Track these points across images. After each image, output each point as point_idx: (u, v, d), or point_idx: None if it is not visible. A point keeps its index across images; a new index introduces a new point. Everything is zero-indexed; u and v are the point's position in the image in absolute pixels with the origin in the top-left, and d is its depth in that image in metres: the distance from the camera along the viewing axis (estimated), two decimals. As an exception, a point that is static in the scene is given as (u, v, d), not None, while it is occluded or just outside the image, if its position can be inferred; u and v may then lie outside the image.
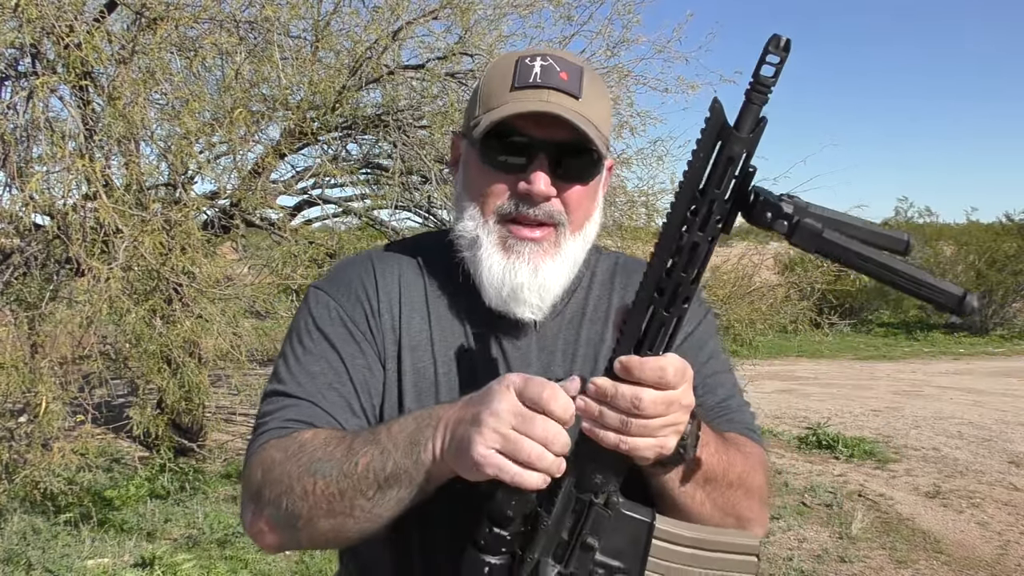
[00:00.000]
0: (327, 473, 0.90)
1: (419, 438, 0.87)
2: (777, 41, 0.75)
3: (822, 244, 0.80)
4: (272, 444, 0.98)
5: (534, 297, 1.06)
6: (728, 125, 0.79)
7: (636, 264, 1.24)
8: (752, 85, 0.77)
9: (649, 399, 0.84)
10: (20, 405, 4.36)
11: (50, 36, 3.50)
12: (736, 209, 0.83)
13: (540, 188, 1.02)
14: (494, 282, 1.05)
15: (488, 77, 1.07)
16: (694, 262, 0.83)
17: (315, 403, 1.03)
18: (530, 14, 5.40)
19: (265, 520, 0.96)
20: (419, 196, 5.70)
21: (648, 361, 0.85)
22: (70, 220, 3.59)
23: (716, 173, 0.80)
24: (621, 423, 0.85)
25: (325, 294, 1.11)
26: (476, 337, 1.10)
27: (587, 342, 1.14)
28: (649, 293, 0.85)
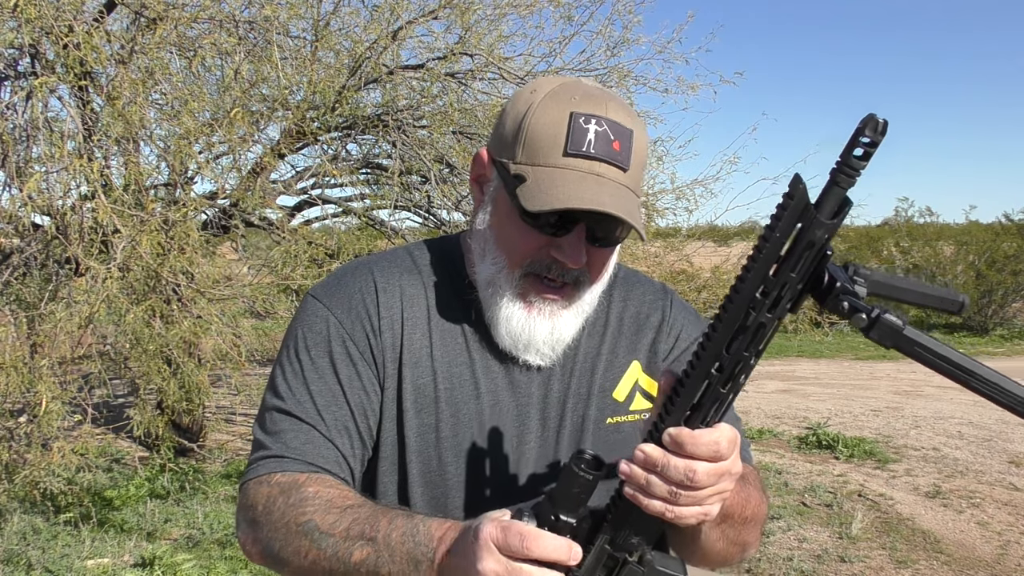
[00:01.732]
0: (322, 547, 0.94)
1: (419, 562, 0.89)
2: (875, 124, 0.71)
3: (901, 342, 0.77)
4: (276, 480, 1.01)
5: (547, 349, 1.07)
6: (811, 207, 0.75)
7: (635, 277, 1.24)
8: (839, 166, 0.73)
9: (703, 471, 0.83)
10: (20, 405, 4.35)
11: (49, 36, 3.50)
12: (807, 291, 0.79)
13: (576, 263, 1.02)
14: (512, 332, 1.06)
15: (537, 119, 1.02)
16: (757, 342, 0.80)
17: (315, 427, 1.04)
18: (530, 14, 5.41)
19: (258, 549, 1.01)
20: (419, 196, 5.71)
21: (702, 435, 0.83)
22: (69, 220, 3.59)
23: (792, 255, 0.76)
24: (670, 494, 0.84)
25: (325, 308, 1.10)
26: (477, 354, 1.10)
27: (584, 356, 1.14)
28: (707, 368, 0.81)
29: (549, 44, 5.58)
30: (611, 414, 1.13)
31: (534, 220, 1.01)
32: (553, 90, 1.04)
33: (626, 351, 1.16)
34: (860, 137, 0.71)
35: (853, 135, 0.71)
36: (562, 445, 1.11)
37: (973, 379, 0.77)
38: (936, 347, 0.77)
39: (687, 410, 0.84)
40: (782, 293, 0.78)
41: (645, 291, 1.22)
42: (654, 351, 1.17)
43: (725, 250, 7.98)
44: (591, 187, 0.98)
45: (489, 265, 1.06)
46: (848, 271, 0.80)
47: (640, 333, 1.18)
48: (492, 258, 1.06)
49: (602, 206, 0.97)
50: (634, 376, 1.15)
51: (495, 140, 1.09)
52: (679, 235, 6.90)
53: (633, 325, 1.18)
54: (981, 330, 13.90)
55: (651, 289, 1.23)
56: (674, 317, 1.20)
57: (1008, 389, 0.76)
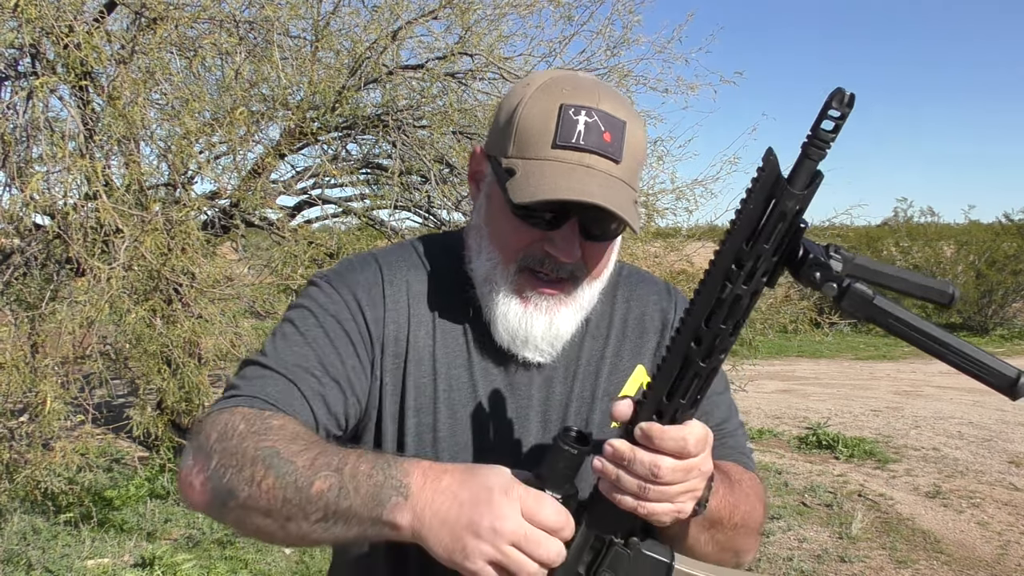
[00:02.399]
0: (281, 473, 0.85)
1: (383, 498, 0.82)
2: (841, 96, 0.72)
3: (872, 312, 0.78)
4: (239, 411, 0.93)
5: (546, 345, 1.06)
6: (783, 179, 0.76)
7: (639, 276, 1.22)
8: (810, 139, 0.74)
9: (668, 467, 0.84)
10: (20, 405, 4.36)
11: (49, 36, 3.51)
12: (782, 264, 0.80)
13: (569, 257, 1.01)
14: (509, 328, 1.04)
15: (528, 112, 1.01)
16: (735, 314, 0.81)
17: (294, 383, 0.99)
18: (530, 14, 5.41)
19: (202, 480, 0.90)
20: (419, 196, 5.70)
21: (670, 430, 0.84)
22: (70, 220, 3.59)
23: (766, 227, 0.77)
24: (639, 488, 0.85)
25: (331, 287, 1.08)
26: (476, 354, 1.09)
27: (588, 359, 1.13)
28: (686, 341, 0.83)
29: (549, 44, 5.59)
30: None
31: (526, 214, 1.00)
32: (545, 83, 1.03)
33: (631, 354, 1.15)
34: (828, 110, 0.73)
35: (822, 108, 0.73)
36: None
37: (946, 350, 0.77)
38: (909, 318, 0.78)
39: (668, 386, 0.84)
40: (756, 265, 0.79)
41: (649, 291, 1.20)
42: (659, 354, 1.15)
43: (725, 250, 7.97)
44: (580, 178, 0.97)
45: (484, 261, 1.05)
46: (828, 249, 0.80)
47: (644, 336, 1.17)
48: (487, 254, 1.05)
49: (590, 197, 0.95)
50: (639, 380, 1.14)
51: (490, 135, 1.09)
52: (679, 235, 6.89)
53: (637, 328, 1.17)
54: (981, 330, 13.91)
55: (655, 289, 1.21)
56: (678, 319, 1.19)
57: (978, 358, 0.76)
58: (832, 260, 0.79)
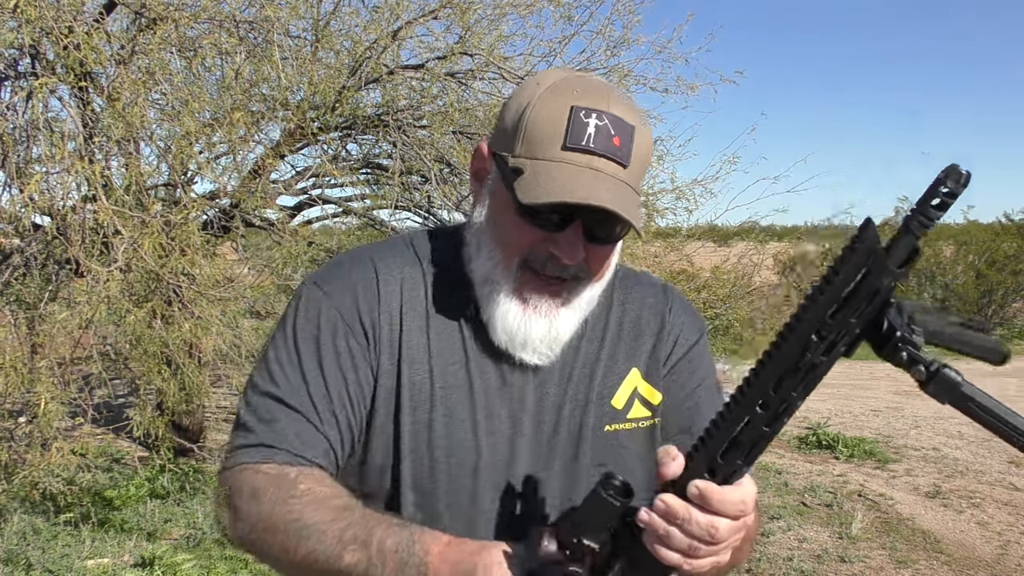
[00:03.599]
0: (313, 546, 0.92)
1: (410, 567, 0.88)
2: (958, 176, 0.67)
3: (957, 398, 0.76)
4: (264, 470, 0.98)
5: (544, 348, 1.05)
6: (881, 253, 0.71)
7: (635, 277, 1.21)
8: (915, 214, 0.69)
9: (725, 528, 0.82)
10: (19, 406, 4.36)
11: (49, 36, 3.50)
12: (863, 337, 0.76)
13: (572, 258, 1.00)
14: (508, 329, 1.04)
15: (537, 112, 1.00)
16: (807, 384, 0.77)
17: (307, 417, 1.01)
18: (530, 14, 5.41)
19: (239, 534, 0.99)
20: (419, 196, 5.70)
21: (729, 493, 0.81)
22: (69, 221, 3.59)
23: (854, 300, 0.73)
24: (690, 548, 0.83)
25: (325, 296, 1.08)
26: (472, 352, 1.08)
27: (583, 361, 1.11)
28: (753, 404, 0.79)
29: (549, 44, 5.58)
30: (609, 421, 1.11)
31: (531, 214, 0.99)
32: (555, 83, 1.02)
33: (625, 357, 1.14)
34: (940, 187, 0.68)
35: (933, 184, 0.68)
36: (556, 451, 1.08)
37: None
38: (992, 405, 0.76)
39: (725, 446, 0.81)
40: (838, 337, 0.75)
41: (644, 293, 1.19)
42: (655, 358, 1.15)
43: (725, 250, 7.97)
44: (588, 181, 0.97)
45: (485, 260, 1.05)
46: (903, 316, 0.76)
47: (640, 339, 1.15)
48: (488, 252, 1.04)
49: (598, 201, 0.95)
50: (633, 383, 1.13)
51: (496, 133, 1.08)
52: (679, 235, 6.90)
53: (633, 330, 1.16)
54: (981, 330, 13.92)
55: (651, 291, 1.20)
56: (672, 321, 1.17)
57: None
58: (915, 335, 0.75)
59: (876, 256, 0.71)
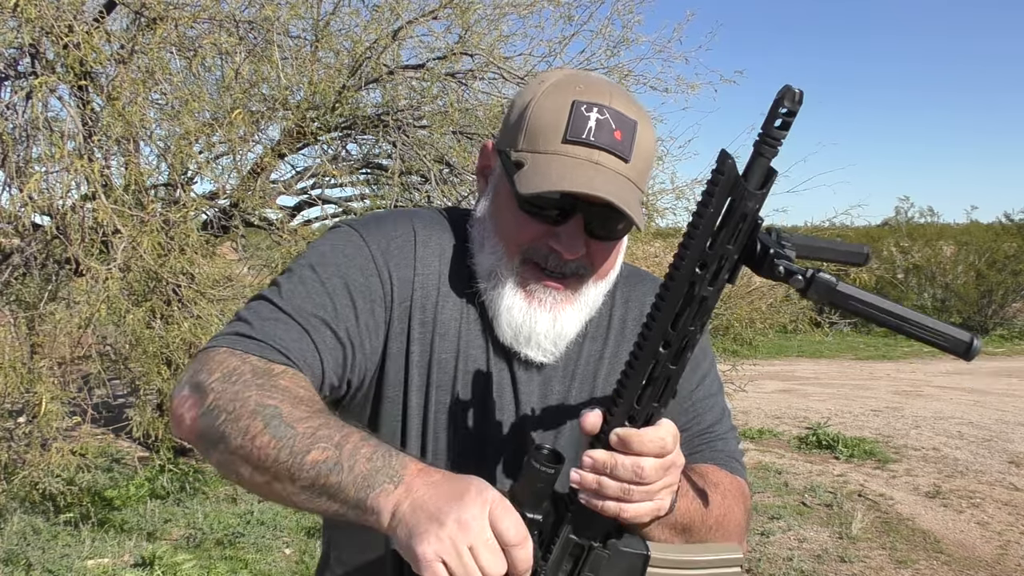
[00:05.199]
0: (278, 434, 0.84)
1: (374, 482, 0.81)
2: (792, 95, 0.74)
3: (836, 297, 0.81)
4: (249, 359, 0.92)
5: (549, 344, 1.05)
6: (741, 181, 0.77)
7: (638, 275, 1.21)
8: (762, 138, 0.76)
9: (650, 466, 0.85)
10: (19, 406, 4.36)
11: (49, 36, 3.50)
12: (742, 262, 0.83)
13: (573, 252, 1.00)
14: (513, 324, 1.03)
15: (540, 108, 1.01)
16: (702, 315, 0.83)
17: (308, 332, 0.97)
18: (530, 14, 5.40)
19: (193, 415, 0.90)
20: (419, 196, 5.70)
21: (647, 432, 0.85)
22: (69, 220, 3.59)
23: (727, 228, 0.79)
24: (623, 491, 0.86)
25: (359, 236, 1.05)
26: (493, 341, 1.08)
27: (587, 360, 1.12)
28: (655, 346, 0.84)
29: (549, 44, 5.58)
30: None
31: (532, 208, 1.00)
32: (558, 80, 1.03)
33: None
34: (779, 108, 0.74)
35: (772, 107, 0.74)
36: (559, 448, 1.09)
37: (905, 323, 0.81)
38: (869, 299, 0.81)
39: (638, 390, 0.85)
40: (721, 265, 0.81)
41: (648, 291, 1.18)
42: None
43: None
44: (587, 173, 0.97)
45: (488, 255, 1.04)
46: (774, 236, 0.83)
47: None
48: (491, 247, 1.04)
49: (596, 191, 0.95)
50: None
51: (501, 130, 1.09)
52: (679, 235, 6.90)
53: (635, 329, 1.14)
54: (981, 330, 13.91)
55: (654, 289, 1.19)
56: None
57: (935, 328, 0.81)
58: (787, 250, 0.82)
59: (737, 184, 0.77)
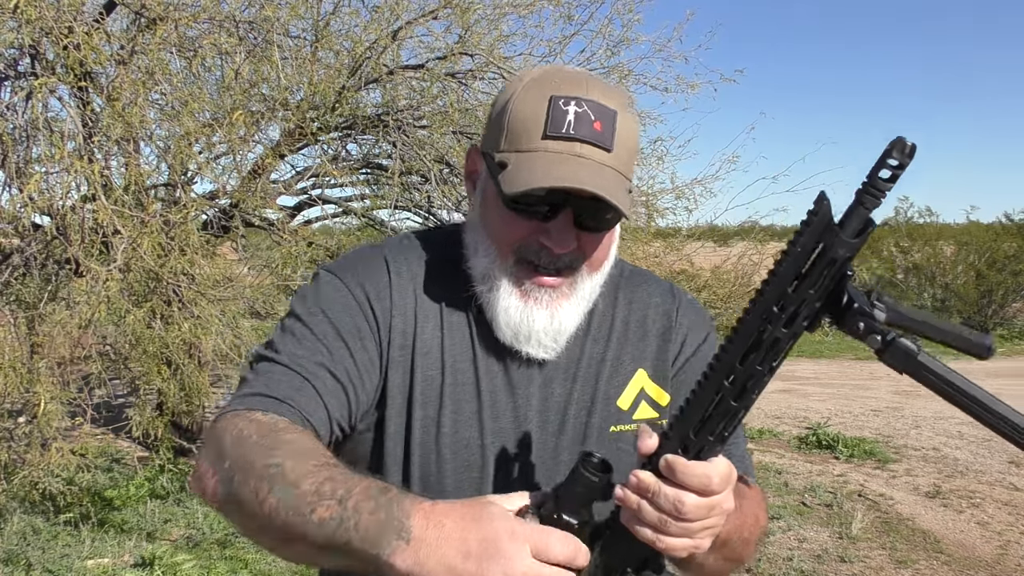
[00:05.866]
0: (283, 498, 0.83)
1: (383, 541, 0.78)
2: (903, 146, 0.70)
3: (915, 368, 0.77)
4: (254, 417, 0.93)
5: (549, 340, 1.05)
6: (835, 225, 0.74)
7: (642, 276, 1.20)
8: (865, 187, 0.72)
9: (691, 504, 0.82)
10: (19, 405, 4.36)
11: (49, 36, 3.50)
12: (825, 309, 0.79)
13: (564, 247, 1.00)
14: (511, 323, 1.03)
15: (519, 106, 1.02)
16: (772, 356, 0.79)
17: (308, 380, 0.98)
18: (530, 14, 5.41)
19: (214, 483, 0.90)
20: (419, 196, 5.71)
21: (695, 466, 0.82)
22: (69, 221, 3.59)
23: (813, 272, 0.76)
24: (659, 521, 0.83)
25: (339, 280, 1.07)
26: (480, 350, 1.08)
27: (588, 361, 1.11)
28: (719, 380, 0.81)
29: (549, 44, 5.58)
30: (615, 423, 1.10)
31: (519, 206, 1.00)
32: (535, 77, 1.03)
33: (632, 358, 1.13)
34: (887, 159, 0.71)
35: (881, 157, 0.71)
36: (561, 451, 1.08)
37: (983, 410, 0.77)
38: (951, 376, 0.77)
39: (697, 422, 0.83)
40: (799, 309, 0.77)
41: (651, 292, 1.18)
42: (662, 359, 1.14)
43: (725, 250, 7.98)
44: (570, 167, 0.97)
45: (482, 258, 1.05)
46: (871, 295, 0.79)
47: (646, 339, 1.15)
48: (484, 249, 1.05)
49: (580, 184, 0.95)
50: (639, 384, 1.12)
51: (484, 133, 1.09)
52: (679, 235, 6.90)
53: (639, 330, 1.15)
54: (981, 330, 13.91)
55: (658, 290, 1.19)
56: (680, 321, 1.16)
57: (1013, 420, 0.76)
58: (876, 310, 0.77)
59: (830, 228, 0.74)
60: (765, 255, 8.07)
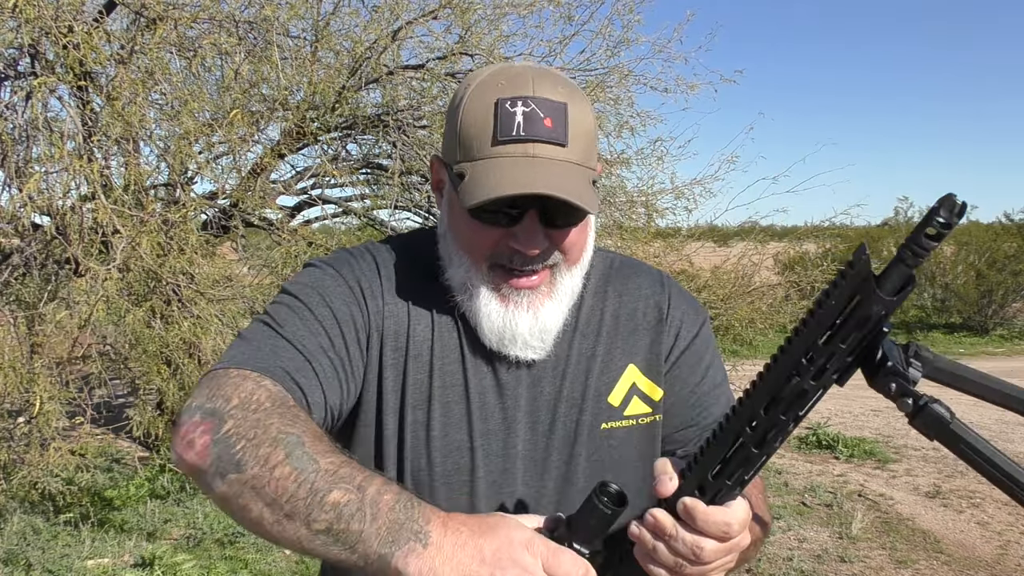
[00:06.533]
0: (300, 466, 0.80)
1: (399, 537, 0.77)
2: (952, 204, 0.66)
3: (948, 438, 0.75)
4: (265, 384, 0.89)
5: (535, 341, 1.04)
6: (872, 280, 0.70)
7: (631, 268, 1.18)
8: (908, 244, 0.68)
9: (710, 549, 0.83)
10: (18, 405, 4.36)
11: (49, 36, 3.50)
12: (856, 365, 0.76)
13: (532, 248, 1.00)
14: (494, 329, 1.03)
15: (467, 115, 1.00)
16: (796, 408, 0.77)
17: (309, 361, 0.96)
18: (530, 14, 5.40)
19: (206, 441, 0.84)
20: (419, 196, 5.70)
21: (715, 513, 0.82)
22: (68, 220, 3.59)
23: (845, 327, 0.73)
24: (676, 565, 0.83)
25: (334, 270, 1.07)
26: (468, 351, 1.07)
27: (578, 357, 1.10)
28: (742, 424, 0.79)
29: (549, 44, 5.57)
30: (606, 419, 1.09)
31: (484, 215, 0.99)
32: (481, 81, 1.02)
33: (622, 353, 1.11)
34: (935, 216, 0.67)
35: (928, 213, 0.67)
36: (552, 449, 1.08)
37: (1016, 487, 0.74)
38: (982, 447, 0.74)
39: (715, 465, 0.82)
40: (828, 364, 0.75)
41: (641, 284, 1.16)
42: (655, 352, 1.12)
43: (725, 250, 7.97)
44: (524, 171, 0.96)
45: (457, 268, 1.05)
46: (908, 351, 0.76)
47: (637, 333, 1.13)
48: (458, 260, 1.04)
49: (535, 188, 0.94)
50: (631, 379, 1.11)
51: (443, 142, 1.08)
52: (679, 235, 6.90)
53: (629, 324, 1.13)
54: (981, 330, 13.91)
55: (647, 281, 1.17)
56: (672, 313, 1.14)
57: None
58: (912, 368, 0.75)
59: (868, 283, 0.70)
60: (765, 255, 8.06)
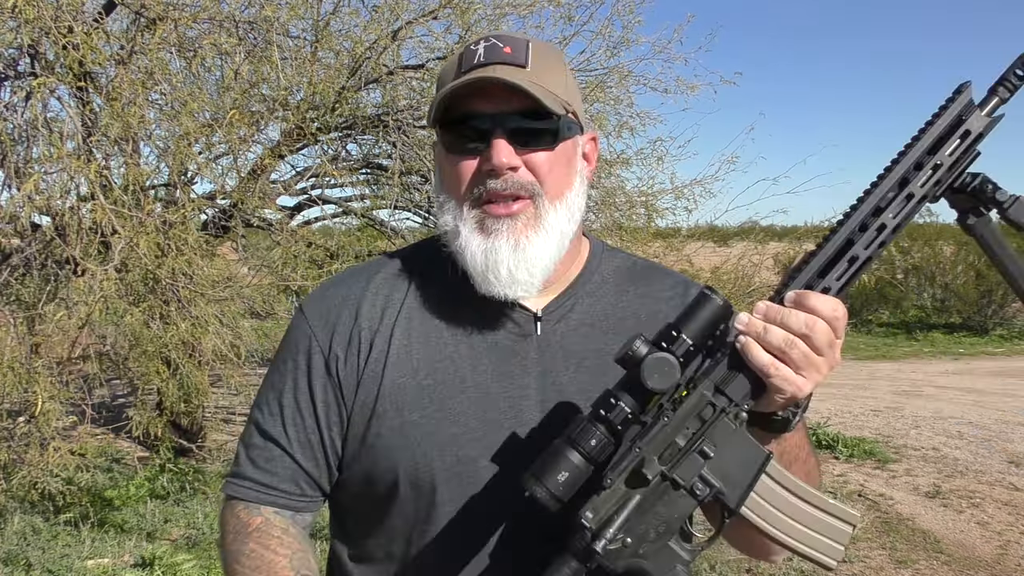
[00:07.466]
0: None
1: None
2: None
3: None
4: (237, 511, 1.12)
5: (521, 273, 1.02)
6: (974, 103, 0.89)
7: (653, 271, 1.18)
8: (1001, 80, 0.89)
9: (822, 328, 0.85)
10: (18, 405, 4.36)
11: (48, 36, 3.50)
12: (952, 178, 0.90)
13: (501, 160, 1.00)
14: (478, 266, 1.03)
15: (441, 72, 1.09)
16: (904, 216, 0.89)
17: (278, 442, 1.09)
18: (530, 14, 5.40)
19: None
20: (419, 196, 5.70)
21: (824, 296, 0.87)
22: (67, 221, 3.59)
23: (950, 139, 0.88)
24: (786, 343, 0.85)
25: (305, 320, 1.12)
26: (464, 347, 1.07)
27: (596, 352, 1.08)
28: (852, 226, 0.89)
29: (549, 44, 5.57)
30: None
31: (455, 142, 1.04)
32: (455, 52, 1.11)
33: None
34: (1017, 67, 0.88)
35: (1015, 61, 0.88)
36: None
37: None
38: None
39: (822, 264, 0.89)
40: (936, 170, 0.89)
41: (664, 286, 1.15)
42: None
43: (725, 250, 7.97)
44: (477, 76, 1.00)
45: (446, 214, 1.06)
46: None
47: None
48: (446, 205, 1.07)
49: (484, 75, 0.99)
50: None
51: None
52: (679, 235, 6.90)
53: (651, 324, 1.09)
54: (981, 330, 13.90)
55: (671, 283, 1.16)
56: None
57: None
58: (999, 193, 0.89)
59: (971, 105, 0.89)
60: (765, 256, 8.06)
